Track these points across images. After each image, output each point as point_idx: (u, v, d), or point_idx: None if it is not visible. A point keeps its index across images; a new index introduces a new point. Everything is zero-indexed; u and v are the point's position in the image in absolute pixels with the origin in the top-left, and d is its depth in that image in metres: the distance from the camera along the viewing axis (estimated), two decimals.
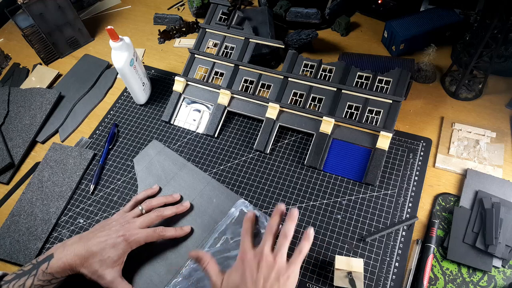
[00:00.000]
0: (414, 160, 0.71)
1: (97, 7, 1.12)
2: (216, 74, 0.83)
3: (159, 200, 0.67)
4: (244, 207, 0.67)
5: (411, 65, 0.82)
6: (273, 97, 0.77)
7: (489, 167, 0.69)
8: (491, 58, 0.72)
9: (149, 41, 1.01)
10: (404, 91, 0.70)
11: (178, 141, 0.79)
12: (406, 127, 0.76)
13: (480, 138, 0.72)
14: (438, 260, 0.61)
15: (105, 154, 0.78)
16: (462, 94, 0.79)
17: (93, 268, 0.57)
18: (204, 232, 0.66)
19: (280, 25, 0.97)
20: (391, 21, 0.86)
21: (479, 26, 0.72)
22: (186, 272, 0.62)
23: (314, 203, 0.68)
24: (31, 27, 0.94)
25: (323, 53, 0.92)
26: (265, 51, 0.86)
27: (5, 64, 1.02)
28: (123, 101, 0.88)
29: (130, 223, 0.62)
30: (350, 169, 0.71)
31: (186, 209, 0.68)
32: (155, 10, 1.08)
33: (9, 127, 0.85)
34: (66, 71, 0.96)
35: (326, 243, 0.64)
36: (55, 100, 0.88)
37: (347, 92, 0.74)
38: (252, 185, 0.72)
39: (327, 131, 0.72)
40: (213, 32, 0.85)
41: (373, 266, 0.61)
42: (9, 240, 0.69)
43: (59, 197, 0.73)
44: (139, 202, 0.68)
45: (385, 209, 0.66)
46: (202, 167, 0.75)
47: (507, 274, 0.59)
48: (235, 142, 0.78)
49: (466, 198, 0.65)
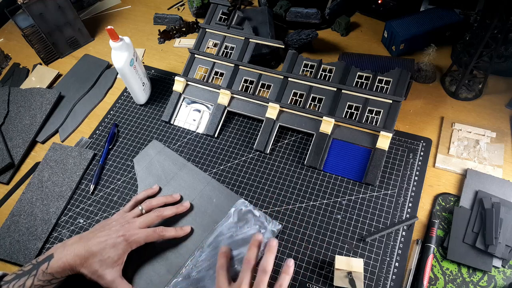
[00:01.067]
0: (414, 160, 0.71)
1: (97, 7, 1.12)
2: (216, 74, 0.83)
3: (159, 200, 0.67)
4: (244, 207, 0.67)
5: (411, 65, 0.82)
6: (273, 97, 0.77)
7: (489, 167, 0.69)
8: (491, 58, 0.72)
9: (149, 41, 1.01)
10: (404, 91, 0.70)
11: (178, 141, 0.79)
12: (406, 127, 0.76)
13: (480, 138, 0.72)
14: (438, 260, 0.61)
15: (105, 154, 0.78)
16: (462, 94, 0.79)
17: (93, 268, 0.57)
18: (204, 232, 0.66)
19: (280, 25, 0.97)
20: (391, 21, 0.86)
21: (479, 26, 0.72)
22: (186, 272, 0.62)
23: (314, 203, 0.68)
24: (31, 27, 0.94)
25: (323, 53, 0.91)
26: (265, 51, 0.86)
27: (5, 64, 1.02)
28: (123, 101, 0.88)
29: (130, 223, 0.62)
30: (350, 169, 0.71)
31: (186, 209, 0.68)
32: (155, 10, 1.08)
33: (9, 127, 0.85)
34: (66, 71, 0.96)
35: (326, 243, 0.64)
36: (55, 100, 0.88)
37: (347, 92, 0.74)
38: (252, 185, 0.72)
39: (327, 131, 0.72)
40: (213, 32, 0.85)
41: (373, 266, 0.61)
42: (9, 240, 0.69)
43: (59, 197, 0.73)
44: (139, 202, 0.68)
45: (385, 209, 0.66)
46: (202, 167, 0.75)
47: (507, 274, 0.59)
48: (235, 142, 0.78)
49: (466, 198, 0.65)
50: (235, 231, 0.64)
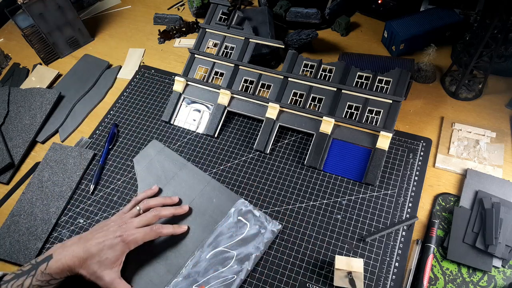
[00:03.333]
0: (414, 160, 0.71)
1: (97, 7, 1.12)
2: (216, 74, 0.83)
3: (157, 200, 0.67)
4: (244, 207, 0.67)
5: (411, 65, 0.82)
6: (273, 97, 0.77)
7: (489, 167, 0.69)
8: (491, 58, 0.72)
9: (149, 41, 1.01)
10: (404, 91, 0.70)
11: (178, 141, 0.79)
12: (406, 127, 0.76)
13: (480, 138, 0.72)
14: (438, 260, 0.61)
15: (105, 154, 0.78)
16: (462, 94, 0.79)
17: (92, 270, 0.57)
18: (204, 232, 0.66)
19: (280, 25, 0.97)
20: (391, 21, 0.86)
21: (479, 26, 0.72)
22: (186, 272, 0.62)
23: (314, 203, 0.68)
24: (31, 27, 0.94)
25: (323, 53, 0.91)
26: (265, 51, 0.86)
27: (5, 64, 1.02)
28: (123, 101, 0.88)
29: (128, 223, 0.61)
30: (350, 169, 0.71)
31: (184, 212, 0.67)
32: (155, 10, 1.08)
33: (9, 127, 0.85)
34: (66, 71, 0.96)
35: (326, 243, 0.64)
36: (55, 100, 0.88)
37: (347, 92, 0.74)
38: (252, 185, 0.72)
39: (327, 131, 0.72)
40: (213, 32, 0.85)
41: (373, 266, 0.61)
42: (9, 240, 0.69)
43: (59, 197, 0.73)
44: (138, 203, 0.68)
45: (385, 209, 0.66)
46: (202, 167, 0.75)
47: (507, 274, 0.59)
48: (235, 142, 0.78)
49: (466, 198, 0.65)
50: (235, 231, 0.64)
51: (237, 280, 0.60)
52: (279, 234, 0.65)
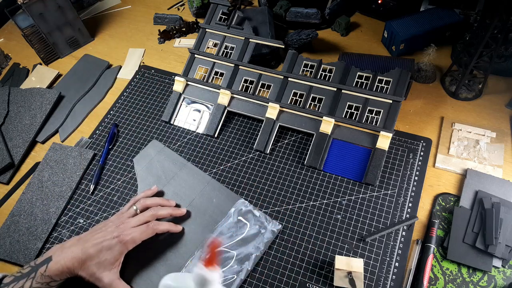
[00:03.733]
0: (414, 160, 0.71)
1: (97, 7, 1.12)
2: (216, 74, 0.83)
3: (154, 200, 0.67)
4: (244, 207, 0.67)
5: (411, 65, 0.82)
6: (273, 97, 0.77)
7: (489, 167, 0.69)
8: (491, 58, 0.72)
9: (149, 41, 1.01)
10: (404, 91, 0.70)
11: (178, 141, 0.79)
12: (406, 127, 0.76)
13: (480, 138, 0.72)
14: (438, 260, 0.61)
15: (105, 154, 0.78)
16: (462, 94, 0.79)
17: (91, 271, 0.57)
18: (204, 232, 0.66)
19: (280, 25, 0.97)
20: (391, 21, 0.86)
21: (479, 26, 0.72)
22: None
23: (314, 203, 0.68)
24: (31, 27, 0.94)
25: (323, 53, 0.91)
26: (265, 51, 0.86)
27: (5, 64, 1.02)
28: (123, 101, 0.88)
29: (125, 223, 0.61)
30: (350, 169, 0.71)
31: (182, 214, 0.67)
32: (155, 10, 1.08)
33: (9, 127, 0.85)
34: (66, 71, 0.96)
35: (326, 243, 0.64)
36: (55, 100, 0.88)
37: (347, 92, 0.74)
38: (252, 185, 0.72)
39: (327, 131, 0.72)
40: (213, 32, 0.85)
41: (373, 266, 0.61)
42: (9, 240, 0.69)
43: (59, 197, 0.73)
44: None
45: (385, 209, 0.66)
46: (202, 167, 0.75)
47: (507, 274, 0.59)
48: (235, 142, 0.78)
49: (466, 198, 0.65)
50: (235, 231, 0.64)
51: (237, 280, 0.60)
52: (279, 234, 0.65)
